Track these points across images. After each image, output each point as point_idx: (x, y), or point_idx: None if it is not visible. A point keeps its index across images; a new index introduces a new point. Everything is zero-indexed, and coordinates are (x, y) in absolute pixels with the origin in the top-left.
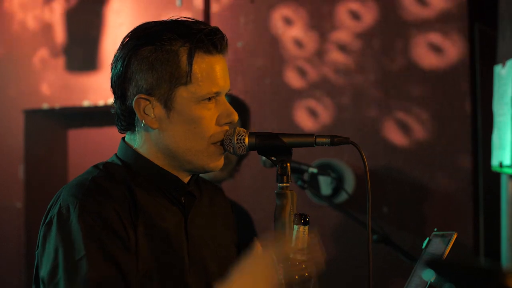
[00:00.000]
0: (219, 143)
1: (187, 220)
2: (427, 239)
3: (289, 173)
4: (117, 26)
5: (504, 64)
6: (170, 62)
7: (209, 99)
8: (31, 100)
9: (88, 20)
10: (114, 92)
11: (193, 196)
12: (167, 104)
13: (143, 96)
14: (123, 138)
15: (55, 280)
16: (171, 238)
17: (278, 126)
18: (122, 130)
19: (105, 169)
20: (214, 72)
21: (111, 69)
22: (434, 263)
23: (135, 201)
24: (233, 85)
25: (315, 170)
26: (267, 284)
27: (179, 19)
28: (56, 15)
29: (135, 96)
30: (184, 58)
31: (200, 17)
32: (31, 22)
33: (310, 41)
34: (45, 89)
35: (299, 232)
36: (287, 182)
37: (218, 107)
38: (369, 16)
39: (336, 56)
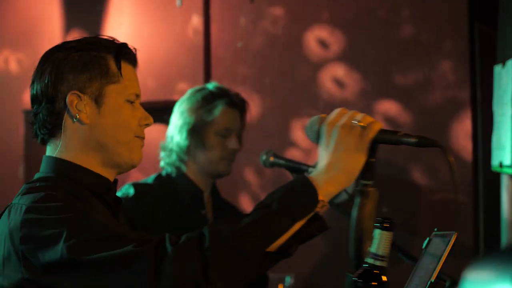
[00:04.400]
0: (140, 138)
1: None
2: (427, 239)
3: (374, 169)
4: (117, 26)
5: (504, 64)
6: (100, 64)
7: (132, 101)
8: None
9: (88, 20)
10: (38, 101)
11: (118, 199)
12: (98, 100)
13: (75, 92)
14: (45, 156)
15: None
16: None
17: (279, 125)
18: (47, 135)
19: (38, 180)
20: (135, 78)
21: (34, 82)
22: None
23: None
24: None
25: None
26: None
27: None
28: (56, 15)
29: (67, 95)
30: (111, 62)
31: (200, 17)
32: (30, 22)
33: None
34: None
35: (381, 238)
36: (371, 179)
37: (137, 110)
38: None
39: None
